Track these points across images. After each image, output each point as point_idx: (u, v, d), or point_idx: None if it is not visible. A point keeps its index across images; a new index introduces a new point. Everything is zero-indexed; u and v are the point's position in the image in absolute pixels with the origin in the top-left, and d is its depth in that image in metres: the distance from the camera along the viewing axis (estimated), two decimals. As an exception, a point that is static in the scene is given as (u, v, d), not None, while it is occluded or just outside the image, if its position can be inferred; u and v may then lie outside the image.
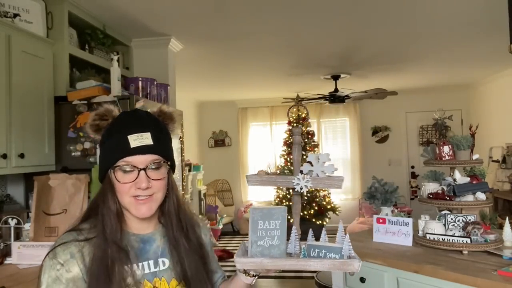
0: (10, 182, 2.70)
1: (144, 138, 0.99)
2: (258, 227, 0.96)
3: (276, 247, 0.97)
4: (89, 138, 2.61)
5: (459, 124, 7.22)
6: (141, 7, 3.06)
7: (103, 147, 1.03)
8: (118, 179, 0.99)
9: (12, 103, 2.27)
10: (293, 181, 1.00)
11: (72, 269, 0.96)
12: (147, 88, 3.09)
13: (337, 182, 1.00)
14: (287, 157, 6.86)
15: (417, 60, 5.14)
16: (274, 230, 0.97)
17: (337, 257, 0.95)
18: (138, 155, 0.98)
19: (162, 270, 1.04)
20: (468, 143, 2.32)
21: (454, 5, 3.24)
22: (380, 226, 2.44)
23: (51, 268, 0.96)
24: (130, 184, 0.99)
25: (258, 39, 3.98)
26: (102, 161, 1.04)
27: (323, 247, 0.97)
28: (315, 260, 0.94)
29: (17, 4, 2.53)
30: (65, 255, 0.96)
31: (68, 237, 0.99)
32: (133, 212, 1.01)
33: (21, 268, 2.17)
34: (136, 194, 1.00)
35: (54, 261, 0.96)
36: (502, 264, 1.90)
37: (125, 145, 0.98)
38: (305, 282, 4.63)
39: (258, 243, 0.96)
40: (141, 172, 0.98)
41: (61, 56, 2.77)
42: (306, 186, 0.99)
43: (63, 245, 0.97)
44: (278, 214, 0.98)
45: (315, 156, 1.02)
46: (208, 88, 6.69)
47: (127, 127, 1.01)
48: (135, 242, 1.04)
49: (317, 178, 1.00)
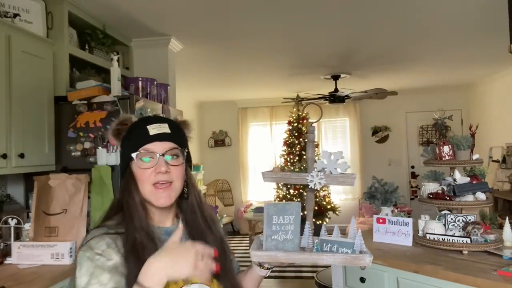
0: (10, 182, 2.70)
1: (162, 127, 1.06)
2: (273, 222, 0.99)
3: (290, 241, 1.00)
4: (89, 138, 2.61)
5: (459, 124, 7.22)
6: (141, 7, 3.06)
7: (124, 144, 1.10)
8: (138, 166, 1.04)
9: (12, 103, 2.27)
10: (307, 178, 1.03)
11: (111, 257, 0.96)
12: (147, 88, 3.09)
13: (350, 179, 1.02)
14: (287, 157, 6.86)
15: (417, 60, 5.14)
16: (288, 225, 1.00)
17: (349, 251, 0.97)
18: (156, 142, 1.04)
19: None
20: (468, 143, 2.32)
21: (454, 5, 3.24)
22: (380, 226, 2.44)
23: (89, 260, 0.95)
24: (150, 170, 1.03)
25: (258, 39, 3.98)
26: (123, 155, 1.09)
27: (336, 242, 0.99)
28: (328, 255, 0.96)
29: (17, 4, 2.53)
30: (100, 246, 0.97)
31: (99, 231, 1.00)
32: (153, 201, 1.05)
33: (21, 268, 2.17)
34: (156, 181, 1.03)
35: (91, 252, 0.96)
36: (502, 264, 1.90)
37: (144, 134, 1.05)
38: (305, 282, 4.63)
39: (273, 237, 0.99)
40: (160, 158, 1.04)
41: (61, 56, 2.77)
42: (320, 183, 1.02)
43: (96, 238, 0.98)
44: (292, 209, 1.01)
45: (328, 153, 1.03)
46: (208, 88, 6.69)
47: (146, 121, 1.09)
48: (161, 234, 1.07)
49: (330, 175, 1.02)
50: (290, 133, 6.92)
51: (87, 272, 0.93)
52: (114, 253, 0.96)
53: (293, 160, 6.79)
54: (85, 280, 0.93)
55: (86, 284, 0.92)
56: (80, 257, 0.96)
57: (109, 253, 0.96)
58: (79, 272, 0.94)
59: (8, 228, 2.32)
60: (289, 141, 6.88)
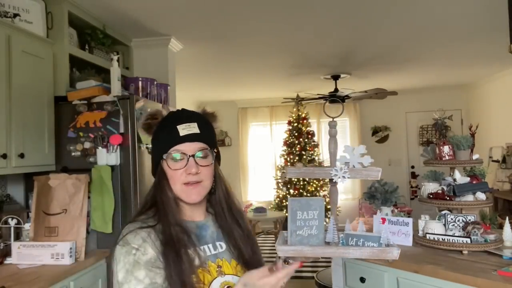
0: (10, 182, 2.70)
1: (191, 127, 1.08)
2: (297, 217, 1.00)
3: (315, 236, 1.00)
4: (89, 138, 2.61)
5: (459, 124, 7.22)
6: (141, 7, 3.06)
7: (155, 142, 1.12)
8: (169, 167, 1.07)
9: (12, 103, 2.27)
10: (331, 172, 1.03)
11: (147, 251, 0.98)
12: (147, 88, 3.09)
13: (374, 172, 1.03)
14: (287, 157, 6.86)
15: (417, 60, 5.14)
16: (312, 220, 1.01)
17: (375, 245, 0.97)
18: (186, 142, 1.07)
19: (221, 252, 1.10)
20: (468, 143, 2.32)
21: (454, 5, 3.24)
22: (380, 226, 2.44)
23: (126, 254, 0.98)
24: (181, 171, 1.06)
25: (258, 39, 3.98)
26: (154, 154, 1.13)
27: (361, 236, 0.99)
28: (355, 248, 0.97)
29: (17, 4, 2.53)
30: (137, 240, 0.99)
31: (134, 226, 1.03)
32: (184, 198, 1.08)
33: (21, 268, 2.17)
34: (186, 181, 1.06)
35: (127, 247, 0.98)
36: (502, 264, 1.90)
37: (175, 135, 1.07)
38: (305, 282, 4.63)
39: (297, 232, 1.00)
40: (190, 159, 1.06)
41: (61, 56, 2.77)
42: (344, 177, 1.02)
43: (132, 233, 1.01)
44: (316, 204, 1.02)
45: (351, 148, 1.04)
46: (208, 88, 6.69)
47: (176, 119, 1.10)
48: (192, 228, 1.10)
49: (354, 169, 1.03)
50: (290, 133, 6.92)
51: (124, 268, 0.97)
52: (149, 247, 0.99)
53: (293, 160, 6.79)
54: (122, 276, 0.96)
55: (123, 279, 0.96)
56: (118, 252, 0.99)
57: (145, 248, 0.98)
58: (116, 268, 0.98)
59: (8, 228, 2.32)
60: (289, 141, 6.88)
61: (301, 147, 6.78)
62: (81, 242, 2.34)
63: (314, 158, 6.84)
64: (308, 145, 6.80)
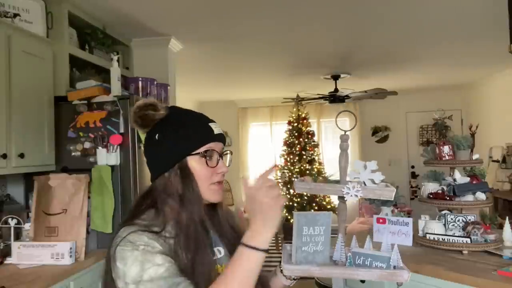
0: (10, 182, 2.70)
1: (219, 127, 1.07)
2: (303, 232, 0.96)
3: (320, 253, 0.97)
4: (89, 138, 2.61)
5: (459, 124, 7.22)
6: (141, 7, 3.06)
7: (175, 135, 1.02)
8: (200, 163, 1.02)
9: (12, 103, 2.27)
10: (343, 190, 0.98)
11: (156, 246, 0.92)
12: (147, 88, 3.09)
13: (388, 192, 0.97)
14: (287, 157, 6.86)
15: (417, 60, 5.14)
16: (318, 236, 0.97)
17: (383, 266, 0.93)
18: (219, 142, 1.06)
19: (221, 258, 1.08)
20: (468, 143, 2.32)
21: (454, 5, 3.24)
22: (380, 226, 2.44)
23: (133, 250, 0.90)
24: (212, 169, 1.03)
25: (258, 39, 3.98)
26: (174, 150, 1.02)
27: (369, 255, 0.95)
28: (364, 270, 0.93)
29: (17, 4, 2.53)
30: (141, 239, 0.92)
31: (133, 228, 0.95)
32: (209, 197, 1.04)
33: (21, 268, 2.17)
34: (218, 180, 1.05)
35: (132, 245, 0.91)
36: (502, 264, 1.90)
37: (209, 132, 1.04)
38: (305, 282, 4.62)
39: (303, 248, 0.96)
40: (220, 158, 1.05)
41: (61, 56, 2.77)
42: (356, 195, 0.97)
43: (134, 233, 0.93)
44: (323, 220, 0.97)
45: (362, 163, 1.00)
46: (208, 88, 6.69)
47: (202, 116, 1.08)
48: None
49: (367, 188, 0.98)
50: (290, 133, 6.92)
51: (136, 260, 0.89)
52: (156, 243, 0.92)
53: (293, 160, 6.80)
54: (136, 270, 0.88)
55: (139, 272, 0.88)
56: (121, 252, 0.91)
57: (152, 244, 0.92)
58: (125, 266, 0.89)
59: (8, 228, 2.31)
60: (289, 141, 6.88)
61: (301, 147, 6.78)
62: (81, 242, 2.34)
63: (314, 158, 6.84)
64: (308, 145, 6.80)
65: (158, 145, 1.03)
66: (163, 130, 1.03)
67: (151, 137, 1.05)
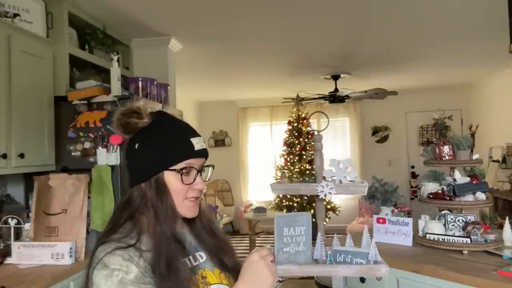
0: (10, 182, 2.70)
1: (201, 142, 1.04)
2: (284, 233, 0.97)
3: (302, 253, 0.98)
4: (89, 138, 2.61)
5: (459, 124, 7.22)
6: (141, 7, 3.06)
7: (154, 148, 1.01)
8: (176, 179, 1.00)
9: (12, 103, 2.27)
10: (317, 188, 1.00)
11: (130, 270, 0.90)
12: (147, 88, 3.09)
13: (361, 188, 0.99)
14: (287, 157, 6.86)
15: (417, 60, 5.14)
16: (299, 236, 0.98)
17: (363, 262, 0.95)
18: (200, 158, 1.03)
19: (203, 262, 1.07)
20: (468, 143, 2.32)
21: (454, 5, 3.24)
22: (380, 226, 2.44)
23: (108, 277, 0.89)
24: (188, 186, 1.01)
25: (258, 39, 3.98)
26: (151, 163, 1.01)
27: (349, 252, 0.97)
28: (343, 266, 0.95)
29: (17, 4, 2.53)
30: (116, 261, 0.91)
31: (110, 246, 0.94)
32: (184, 213, 1.03)
33: (21, 268, 2.17)
34: (190, 196, 1.03)
35: (107, 270, 0.90)
36: (502, 264, 1.90)
37: (189, 148, 1.01)
38: (305, 282, 4.63)
39: (284, 249, 0.97)
40: (198, 175, 1.03)
41: (61, 56, 2.77)
42: (330, 193, 0.99)
43: (109, 254, 0.92)
44: (303, 220, 0.99)
45: (337, 161, 1.01)
46: (208, 88, 6.69)
47: (186, 130, 1.04)
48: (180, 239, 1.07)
49: (340, 185, 1.00)
50: (290, 133, 6.92)
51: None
52: (132, 265, 0.91)
53: (293, 160, 6.80)
54: None
55: None
56: (97, 278, 0.91)
57: (127, 266, 0.90)
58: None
59: (8, 228, 2.32)
60: (289, 141, 6.88)
61: (301, 147, 6.78)
62: (81, 242, 2.34)
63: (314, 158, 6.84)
64: (308, 145, 6.80)
65: (137, 154, 1.02)
66: (143, 140, 1.02)
67: (131, 145, 1.04)
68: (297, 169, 6.70)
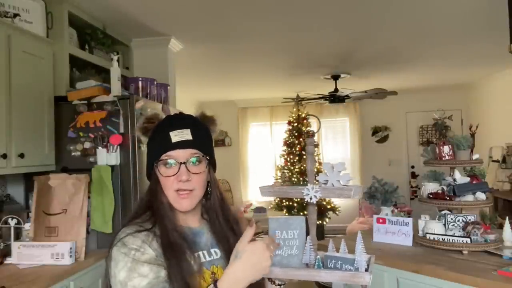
0: (10, 182, 2.70)
1: (184, 134, 1.07)
2: (276, 237, 0.98)
3: (295, 257, 0.98)
4: (89, 138, 2.61)
5: (459, 124, 7.22)
6: (141, 7, 3.06)
7: (149, 146, 1.12)
8: (161, 173, 1.06)
9: (12, 103, 2.27)
10: (303, 191, 1.00)
11: (147, 252, 0.98)
12: (147, 88, 3.09)
13: (347, 192, 0.98)
14: (287, 157, 6.86)
15: (417, 60, 5.14)
16: (292, 239, 0.98)
17: (352, 269, 0.94)
18: (178, 149, 1.06)
19: (216, 259, 1.10)
20: (468, 143, 2.32)
21: (454, 5, 3.24)
22: (380, 226, 2.44)
23: (125, 255, 0.97)
24: (172, 178, 1.05)
25: (258, 39, 3.98)
26: (148, 158, 1.12)
27: (340, 258, 0.96)
28: (326, 271, 0.94)
29: (17, 4, 2.53)
30: (135, 242, 0.99)
31: (131, 229, 1.02)
32: (176, 206, 1.07)
33: (21, 268, 2.17)
34: (178, 188, 1.05)
35: (126, 249, 0.98)
36: (502, 264, 1.90)
37: (166, 141, 1.06)
38: (305, 282, 4.62)
39: (277, 252, 0.97)
40: (181, 166, 1.05)
41: (61, 56, 2.77)
42: (316, 196, 0.99)
43: (130, 235, 1.00)
44: (296, 224, 0.99)
45: (330, 165, 1.01)
46: (208, 88, 6.69)
47: (169, 125, 1.09)
48: (187, 234, 1.09)
49: (327, 188, 0.99)
50: (290, 133, 6.92)
51: (125, 267, 0.96)
52: (149, 248, 0.99)
53: (293, 160, 6.80)
54: (124, 275, 0.96)
55: (126, 278, 0.95)
56: (116, 254, 0.99)
57: (144, 248, 0.98)
58: (116, 268, 0.97)
59: (8, 228, 2.32)
60: (289, 141, 6.88)
61: (301, 147, 6.78)
62: (81, 242, 2.34)
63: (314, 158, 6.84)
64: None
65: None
66: (147, 143, 1.13)
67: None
68: (297, 169, 6.70)
